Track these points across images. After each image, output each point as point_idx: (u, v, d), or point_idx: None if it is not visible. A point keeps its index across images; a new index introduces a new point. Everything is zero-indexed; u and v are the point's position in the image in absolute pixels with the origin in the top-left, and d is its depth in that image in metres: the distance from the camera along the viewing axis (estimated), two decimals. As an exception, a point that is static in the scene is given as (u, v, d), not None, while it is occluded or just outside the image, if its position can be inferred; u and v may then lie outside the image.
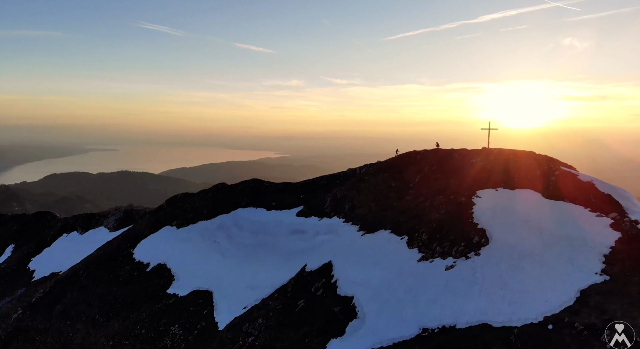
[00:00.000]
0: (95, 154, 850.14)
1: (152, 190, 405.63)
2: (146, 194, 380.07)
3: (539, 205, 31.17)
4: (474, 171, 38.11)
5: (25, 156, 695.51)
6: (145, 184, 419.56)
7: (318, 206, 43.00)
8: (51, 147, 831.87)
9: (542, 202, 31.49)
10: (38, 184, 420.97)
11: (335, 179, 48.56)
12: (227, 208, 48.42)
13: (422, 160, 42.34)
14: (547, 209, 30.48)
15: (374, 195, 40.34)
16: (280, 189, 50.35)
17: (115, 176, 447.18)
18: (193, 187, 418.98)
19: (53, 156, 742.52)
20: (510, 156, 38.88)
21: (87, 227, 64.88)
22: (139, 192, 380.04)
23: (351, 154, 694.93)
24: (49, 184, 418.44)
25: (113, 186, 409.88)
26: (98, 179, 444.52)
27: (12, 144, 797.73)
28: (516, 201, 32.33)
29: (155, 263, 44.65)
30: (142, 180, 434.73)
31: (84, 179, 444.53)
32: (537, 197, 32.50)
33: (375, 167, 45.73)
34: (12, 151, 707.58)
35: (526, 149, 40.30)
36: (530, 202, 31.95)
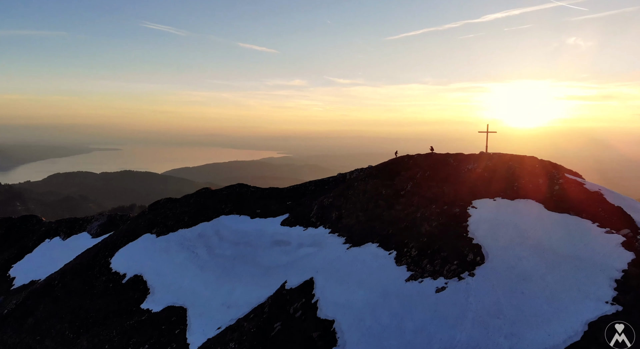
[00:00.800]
0: (99, 153, 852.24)
1: (155, 190, 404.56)
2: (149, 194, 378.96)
3: (541, 218, 28.07)
4: (470, 178, 35.05)
5: (29, 156, 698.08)
6: (148, 184, 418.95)
7: (304, 215, 40.12)
8: (55, 147, 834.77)
9: (545, 215, 28.38)
10: (42, 184, 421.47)
11: (325, 185, 45.65)
12: (209, 215, 45.64)
13: (415, 165, 39.32)
14: (550, 223, 27.38)
15: (363, 203, 37.38)
16: (267, 195, 47.51)
17: (118, 176, 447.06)
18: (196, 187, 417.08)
19: (57, 155, 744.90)
20: (510, 161, 35.78)
21: (70, 232, 62.45)
22: (141, 192, 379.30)
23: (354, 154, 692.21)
24: (52, 183, 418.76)
25: (116, 185, 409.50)
26: (101, 178, 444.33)
27: (16, 144, 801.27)
28: (516, 213, 29.25)
29: (131, 274, 42.01)
30: (145, 180, 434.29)
31: (87, 178, 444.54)
32: (539, 209, 29.39)
33: (365, 173, 42.78)
34: (16, 151, 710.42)
35: (529, 149, 37.26)
36: (531, 214, 28.86)
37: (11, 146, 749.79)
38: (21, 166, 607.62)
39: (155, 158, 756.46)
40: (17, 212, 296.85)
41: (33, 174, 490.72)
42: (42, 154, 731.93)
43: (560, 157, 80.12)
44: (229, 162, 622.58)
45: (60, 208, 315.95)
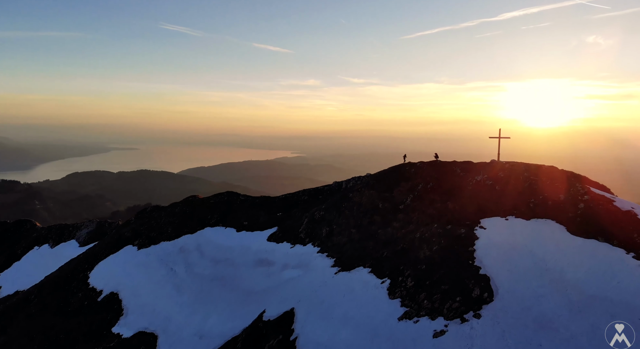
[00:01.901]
0: (117, 153, 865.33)
1: (171, 189, 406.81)
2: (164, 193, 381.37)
3: (563, 244, 23.36)
4: (479, 191, 30.41)
5: (49, 155, 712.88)
6: (163, 183, 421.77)
7: (293, 229, 36.11)
8: (74, 146, 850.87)
9: (568, 241, 23.65)
10: (60, 183, 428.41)
11: (319, 194, 41.54)
12: (193, 227, 42.08)
13: (416, 175, 34.84)
14: (575, 251, 22.65)
15: (357, 218, 33.12)
16: (256, 205, 43.68)
17: (134, 175, 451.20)
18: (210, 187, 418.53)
19: (76, 154, 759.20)
20: (526, 172, 30.96)
21: (58, 240, 59.99)
22: (157, 191, 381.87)
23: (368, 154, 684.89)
24: (71, 182, 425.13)
25: (132, 184, 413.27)
26: (118, 177, 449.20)
27: (36, 143, 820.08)
28: (532, 237, 24.58)
29: (108, 291, 38.78)
30: (161, 179, 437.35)
31: (104, 177, 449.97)
32: (561, 232, 24.63)
33: (362, 182, 38.49)
34: (36, 150, 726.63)
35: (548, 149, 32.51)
36: (551, 239, 24.15)
37: (31, 146, 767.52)
38: (41, 165, 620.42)
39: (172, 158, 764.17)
40: (35, 211, 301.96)
41: (52, 173, 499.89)
42: (62, 153, 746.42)
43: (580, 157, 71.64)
44: (243, 162, 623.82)
45: (77, 207, 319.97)
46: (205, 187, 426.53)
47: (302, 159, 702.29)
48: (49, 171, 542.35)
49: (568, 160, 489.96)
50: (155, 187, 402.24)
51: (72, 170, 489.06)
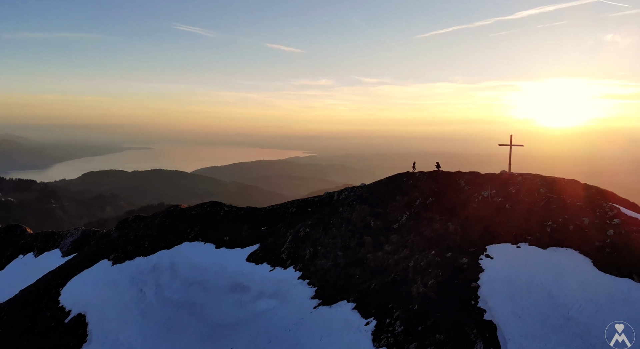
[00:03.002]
0: (131, 152, 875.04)
1: (184, 188, 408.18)
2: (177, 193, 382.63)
3: (589, 285, 18.71)
4: (486, 210, 25.84)
5: (65, 154, 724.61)
6: (177, 183, 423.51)
7: (275, 247, 32.09)
8: (90, 146, 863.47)
9: (595, 280, 18.97)
10: (76, 182, 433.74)
11: (308, 206, 37.41)
12: (171, 241, 38.45)
13: (415, 188, 30.42)
14: (604, 294, 18.00)
15: (345, 238, 28.89)
16: (241, 217, 39.80)
17: (149, 174, 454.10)
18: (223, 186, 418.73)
19: (91, 154, 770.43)
20: (542, 187, 26.24)
21: (43, 248, 57.32)
22: (170, 191, 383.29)
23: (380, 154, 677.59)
24: (86, 181, 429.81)
25: (146, 184, 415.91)
26: (133, 177, 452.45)
27: (53, 143, 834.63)
28: (550, 272, 19.99)
29: (76, 312, 35.42)
30: (174, 178, 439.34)
31: (119, 176, 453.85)
32: (586, 266, 19.98)
33: (355, 194, 34.22)
34: (53, 149, 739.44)
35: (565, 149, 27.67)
36: (574, 276, 19.51)
37: (48, 145, 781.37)
38: (57, 165, 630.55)
39: (185, 157, 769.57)
40: (51, 210, 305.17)
41: (68, 172, 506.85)
42: (78, 153, 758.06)
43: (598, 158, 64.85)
44: (255, 161, 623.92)
45: (92, 206, 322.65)
46: (218, 186, 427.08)
47: (313, 159, 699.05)
48: (65, 170, 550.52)
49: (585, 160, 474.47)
50: (169, 186, 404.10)
51: (88, 169, 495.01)
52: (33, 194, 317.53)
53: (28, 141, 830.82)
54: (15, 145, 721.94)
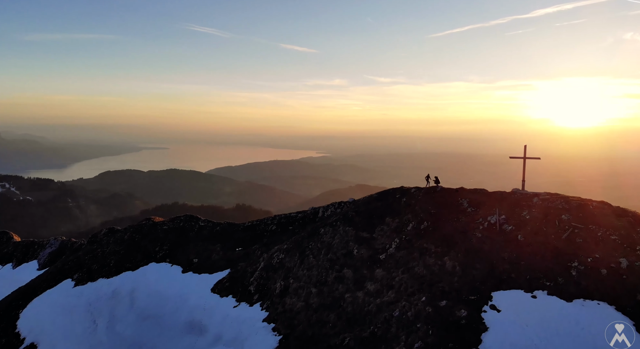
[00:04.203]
0: (147, 152, 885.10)
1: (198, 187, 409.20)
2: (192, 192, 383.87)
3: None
4: (492, 241, 20.66)
5: (82, 154, 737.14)
6: (191, 182, 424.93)
7: (245, 276, 27.47)
8: (107, 146, 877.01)
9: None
10: (93, 181, 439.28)
11: (289, 224, 32.65)
12: (137, 261, 34.26)
13: (408, 208, 25.36)
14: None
15: (321, 270, 24.06)
16: (216, 234, 35.32)
17: (164, 174, 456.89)
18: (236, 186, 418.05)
19: (108, 153, 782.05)
20: (565, 212, 20.91)
21: (22, 259, 54.12)
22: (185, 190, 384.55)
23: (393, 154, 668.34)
24: (103, 180, 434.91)
25: (162, 183, 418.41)
26: (148, 176, 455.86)
27: (71, 143, 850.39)
28: (578, 339, 14.86)
29: (29, 341, 31.48)
30: (189, 178, 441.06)
31: (135, 176, 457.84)
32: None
33: (342, 212, 29.30)
34: (71, 149, 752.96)
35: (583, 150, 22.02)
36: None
37: (66, 145, 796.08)
38: (75, 164, 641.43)
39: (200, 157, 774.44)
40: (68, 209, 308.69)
41: (86, 171, 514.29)
42: (95, 152, 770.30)
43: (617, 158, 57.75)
44: (268, 161, 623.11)
45: (108, 205, 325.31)
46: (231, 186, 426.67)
47: (326, 159, 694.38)
48: (82, 169, 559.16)
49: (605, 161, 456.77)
50: (183, 185, 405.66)
51: (105, 169, 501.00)
52: (51, 193, 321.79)
53: (47, 140, 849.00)
54: (34, 145, 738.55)
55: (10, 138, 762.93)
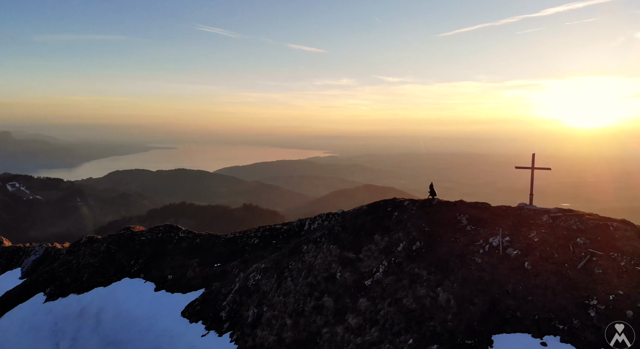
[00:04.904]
0: (156, 152, 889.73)
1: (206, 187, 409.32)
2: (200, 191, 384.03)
3: None
4: (494, 268, 17.54)
5: (92, 153, 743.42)
6: (199, 182, 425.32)
7: (218, 298, 24.74)
8: (116, 145, 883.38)
9: None
10: (102, 181, 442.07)
11: (273, 237, 29.78)
12: (110, 275, 31.75)
13: (399, 224, 22.32)
14: None
15: (300, 296, 21.18)
16: (195, 247, 32.63)
17: (172, 174, 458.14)
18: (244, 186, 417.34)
19: (118, 153, 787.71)
20: (579, 233, 17.75)
21: (7, 266, 52.09)
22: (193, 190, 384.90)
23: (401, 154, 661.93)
24: (112, 180, 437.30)
25: (170, 183, 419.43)
26: (157, 176, 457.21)
27: (81, 142, 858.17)
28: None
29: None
30: (197, 177, 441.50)
31: (144, 176, 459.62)
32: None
33: (329, 225, 26.34)
34: (80, 149, 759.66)
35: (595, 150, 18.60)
36: None
37: (76, 145, 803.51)
38: (85, 164, 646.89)
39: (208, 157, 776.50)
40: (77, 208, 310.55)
41: (95, 171, 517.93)
42: (104, 152, 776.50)
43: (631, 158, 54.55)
44: (276, 161, 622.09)
45: (116, 204, 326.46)
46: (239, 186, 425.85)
47: (334, 159, 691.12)
48: (92, 169, 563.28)
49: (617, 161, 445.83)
50: (191, 185, 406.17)
51: (114, 168, 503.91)
52: (60, 193, 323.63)
53: (57, 140, 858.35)
54: (44, 144, 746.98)
55: (21, 138, 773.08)
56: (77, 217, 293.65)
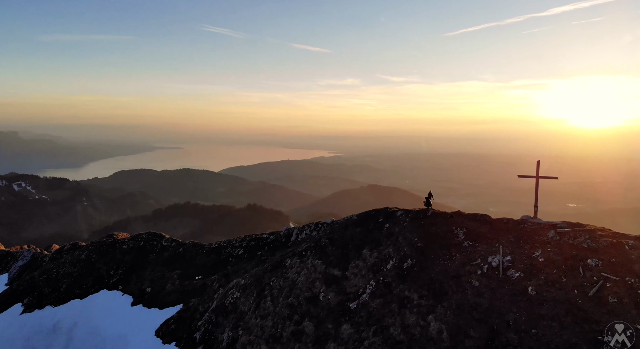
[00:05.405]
0: (162, 152, 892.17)
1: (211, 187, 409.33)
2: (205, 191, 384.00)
3: None
4: (493, 293, 15.50)
5: (98, 153, 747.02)
6: (204, 182, 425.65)
7: (194, 317, 22.87)
8: (122, 145, 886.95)
9: None
10: (108, 180, 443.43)
11: (258, 248, 27.85)
12: (88, 286, 30.03)
13: (390, 237, 20.24)
14: None
15: (278, 319, 19.21)
16: (178, 257, 30.82)
17: (177, 173, 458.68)
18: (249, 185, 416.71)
19: (123, 153, 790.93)
20: (590, 253, 15.58)
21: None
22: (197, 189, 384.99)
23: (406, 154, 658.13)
24: (117, 180, 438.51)
25: (175, 182, 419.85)
26: (162, 176, 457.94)
27: (87, 142, 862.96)
28: None
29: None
30: (201, 177, 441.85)
31: (149, 175, 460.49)
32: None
33: (317, 237, 24.34)
34: (87, 149, 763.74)
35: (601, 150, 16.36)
36: None
37: (83, 145, 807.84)
38: (91, 163, 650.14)
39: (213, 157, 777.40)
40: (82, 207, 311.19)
41: (101, 171, 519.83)
42: (110, 152, 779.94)
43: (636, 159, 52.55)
44: (280, 161, 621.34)
45: (122, 204, 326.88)
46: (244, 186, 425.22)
47: (338, 158, 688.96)
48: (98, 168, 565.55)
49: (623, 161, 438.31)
50: (196, 185, 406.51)
51: (119, 168, 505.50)
52: (66, 193, 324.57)
53: (64, 140, 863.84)
54: (51, 144, 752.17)
55: (28, 138, 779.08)
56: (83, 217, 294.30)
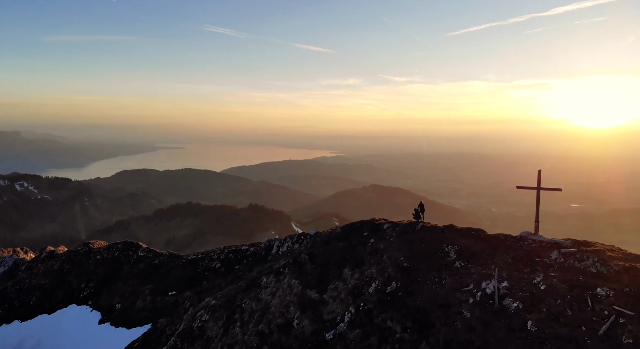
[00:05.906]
0: (164, 151, 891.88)
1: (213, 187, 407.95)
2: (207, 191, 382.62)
3: None
4: (487, 328, 13.37)
5: (101, 153, 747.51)
6: (206, 181, 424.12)
7: (160, 341, 20.85)
8: (124, 145, 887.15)
9: None
10: (110, 180, 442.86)
11: (237, 262, 25.79)
12: (58, 300, 28.12)
13: (374, 255, 18.12)
14: None
15: (251, 346, 17.21)
16: (152, 269, 28.83)
17: (179, 173, 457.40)
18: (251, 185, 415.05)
19: (126, 153, 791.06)
20: (599, 280, 13.38)
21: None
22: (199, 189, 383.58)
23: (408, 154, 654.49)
24: (120, 179, 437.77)
25: (177, 182, 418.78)
26: (164, 175, 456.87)
27: (90, 142, 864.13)
28: None
29: None
30: (203, 177, 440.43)
31: (151, 175, 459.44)
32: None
33: (296, 251, 22.32)
34: (90, 149, 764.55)
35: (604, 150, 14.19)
36: None
37: (85, 145, 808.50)
38: (93, 163, 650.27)
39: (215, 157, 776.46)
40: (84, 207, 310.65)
41: (103, 170, 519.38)
42: (113, 152, 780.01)
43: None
44: (283, 161, 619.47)
45: (124, 204, 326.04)
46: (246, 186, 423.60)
47: (341, 158, 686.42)
48: (100, 168, 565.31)
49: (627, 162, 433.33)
50: (198, 185, 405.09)
51: (122, 168, 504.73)
52: (68, 192, 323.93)
53: (66, 140, 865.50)
54: (54, 144, 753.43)
55: (31, 138, 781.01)
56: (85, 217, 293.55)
